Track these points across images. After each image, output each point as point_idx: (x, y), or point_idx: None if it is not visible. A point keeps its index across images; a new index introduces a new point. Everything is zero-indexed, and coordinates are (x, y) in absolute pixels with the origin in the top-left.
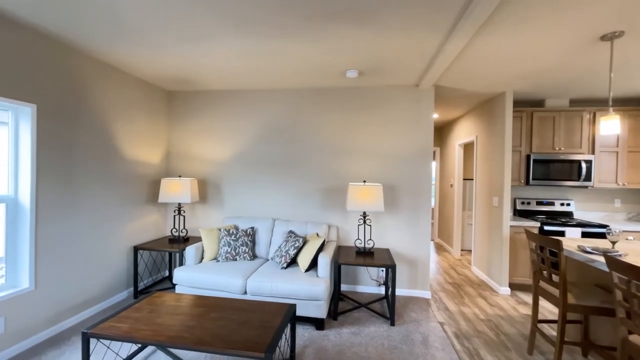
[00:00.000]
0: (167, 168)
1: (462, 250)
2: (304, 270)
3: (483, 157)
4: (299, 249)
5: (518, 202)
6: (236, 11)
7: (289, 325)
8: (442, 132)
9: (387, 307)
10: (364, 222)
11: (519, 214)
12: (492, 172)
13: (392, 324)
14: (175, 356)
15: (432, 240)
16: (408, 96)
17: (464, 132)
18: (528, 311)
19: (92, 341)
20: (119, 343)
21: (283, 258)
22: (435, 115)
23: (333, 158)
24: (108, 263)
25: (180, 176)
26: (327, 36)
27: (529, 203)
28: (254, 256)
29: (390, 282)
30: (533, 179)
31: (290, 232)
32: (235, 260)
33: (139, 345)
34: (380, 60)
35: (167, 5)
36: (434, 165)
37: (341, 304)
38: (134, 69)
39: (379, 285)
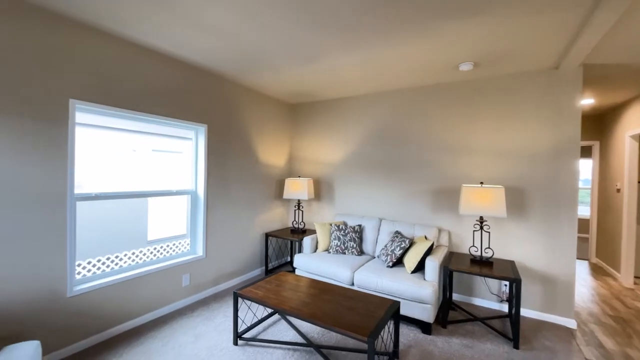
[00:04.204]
0: (290, 169)
1: (635, 277)
2: (409, 272)
3: None
4: (405, 250)
5: None
6: (343, 29)
7: (392, 320)
8: (602, 121)
9: (510, 328)
10: (481, 228)
11: None
12: None
13: (516, 346)
14: (293, 326)
15: (586, 259)
16: (541, 82)
17: (638, 119)
18: None
19: (239, 301)
20: (256, 306)
21: (389, 257)
22: (590, 101)
23: (444, 158)
24: (248, 245)
25: (299, 176)
26: (438, 33)
27: None
28: (360, 252)
29: (514, 298)
30: None
31: (397, 232)
32: (344, 253)
33: (268, 312)
34: (502, 46)
35: (287, 36)
36: (591, 164)
37: (452, 313)
38: (265, 89)
39: (501, 301)
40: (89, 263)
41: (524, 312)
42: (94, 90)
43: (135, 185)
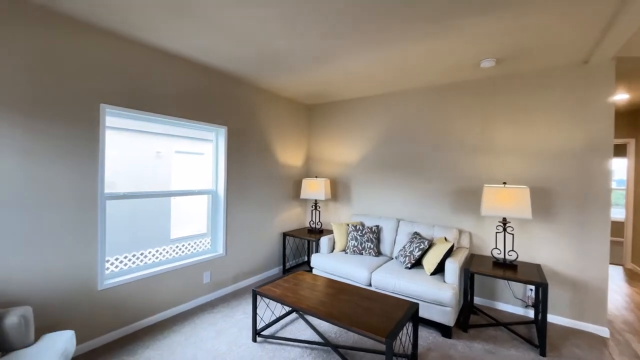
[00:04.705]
0: (307, 170)
1: None
2: (429, 274)
3: None
4: (424, 251)
5: None
6: (359, 29)
7: (411, 322)
8: (638, 117)
9: (536, 334)
10: (504, 229)
11: None
12: None
13: (543, 354)
14: (311, 325)
15: (621, 265)
16: (569, 77)
17: None
18: None
19: (257, 299)
20: (274, 304)
21: (407, 258)
22: (624, 96)
23: (464, 157)
24: (266, 244)
25: (316, 177)
26: (458, 30)
27: None
28: (378, 253)
29: (541, 304)
30: None
31: (416, 233)
32: (361, 254)
33: (286, 310)
34: (526, 41)
35: (305, 39)
36: (626, 163)
37: (474, 317)
38: (282, 90)
39: (526, 306)
40: (116, 259)
41: (552, 318)
42: (122, 94)
43: (160, 185)
